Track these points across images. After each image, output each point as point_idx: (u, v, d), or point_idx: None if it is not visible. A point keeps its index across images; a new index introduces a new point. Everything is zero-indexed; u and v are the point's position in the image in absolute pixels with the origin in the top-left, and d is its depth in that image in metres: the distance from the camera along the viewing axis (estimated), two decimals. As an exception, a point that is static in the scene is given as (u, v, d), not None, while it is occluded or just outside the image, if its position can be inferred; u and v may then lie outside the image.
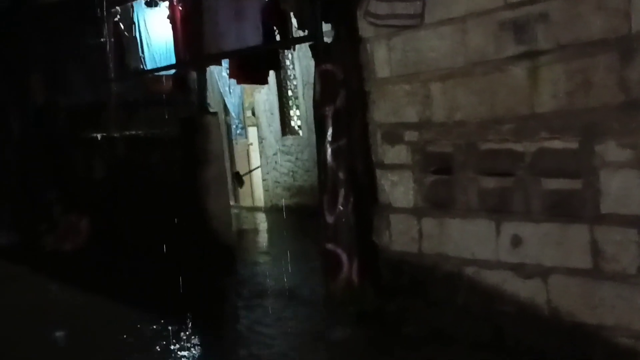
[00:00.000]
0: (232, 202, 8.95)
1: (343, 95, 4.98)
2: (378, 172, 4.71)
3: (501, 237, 3.87)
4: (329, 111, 4.98)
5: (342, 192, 5.02)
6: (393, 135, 4.53)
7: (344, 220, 5.01)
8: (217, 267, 6.31)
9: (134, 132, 7.93)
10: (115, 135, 8.15)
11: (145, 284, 6.37)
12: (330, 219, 5.06)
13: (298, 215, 9.35)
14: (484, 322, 3.97)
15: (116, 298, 5.88)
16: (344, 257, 5.03)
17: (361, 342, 4.27)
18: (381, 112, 4.61)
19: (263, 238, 8.77)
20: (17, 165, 9.03)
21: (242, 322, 5.15)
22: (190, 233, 6.39)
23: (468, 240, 4.06)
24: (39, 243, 8.39)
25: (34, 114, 9.08)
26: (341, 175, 5.00)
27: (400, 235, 4.52)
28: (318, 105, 5.11)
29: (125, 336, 4.88)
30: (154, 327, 5.05)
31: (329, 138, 5.00)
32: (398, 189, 4.53)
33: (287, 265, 6.65)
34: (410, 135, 4.39)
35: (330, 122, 4.98)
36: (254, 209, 10.52)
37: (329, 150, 5.01)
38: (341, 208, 4.99)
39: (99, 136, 8.33)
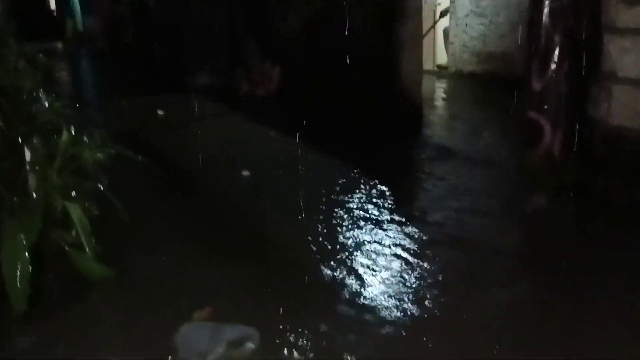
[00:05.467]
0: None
1: (572, -55, 4.44)
2: (606, 37, 4.22)
3: None
4: (552, -35, 4.50)
5: (555, 56, 4.64)
6: (634, -6, 3.97)
7: (553, 87, 4.69)
8: (405, 125, 6.31)
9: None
10: (311, -14, 8.11)
11: (331, 132, 6.61)
12: (537, 85, 4.76)
13: (485, 83, 8.95)
14: None
15: (303, 141, 6.19)
16: (547, 126, 4.76)
17: (562, 214, 4.10)
18: (622, -34, 4.03)
19: (449, 103, 8.56)
20: (220, 15, 9.47)
21: (432, 182, 5.16)
22: (379, 88, 6.38)
23: None
24: (234, 87, 8.99)
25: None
26: (557, 38, 4.61)
27: (623, 108, 4.11)
28: (540, -43, 4.64)
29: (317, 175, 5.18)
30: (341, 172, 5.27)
31: (549, -5, 4.56)
32: (628, 56, 4.05)
33: (476, 131, 6.48)
34: (657, -6, 3.82)
35: (552, -23, 4.51)
36: (435, 73, 10.21)
37: (547, 9, 4.58)
38: (552, 74, 4.66)
39: (294, -13, 8.37)
